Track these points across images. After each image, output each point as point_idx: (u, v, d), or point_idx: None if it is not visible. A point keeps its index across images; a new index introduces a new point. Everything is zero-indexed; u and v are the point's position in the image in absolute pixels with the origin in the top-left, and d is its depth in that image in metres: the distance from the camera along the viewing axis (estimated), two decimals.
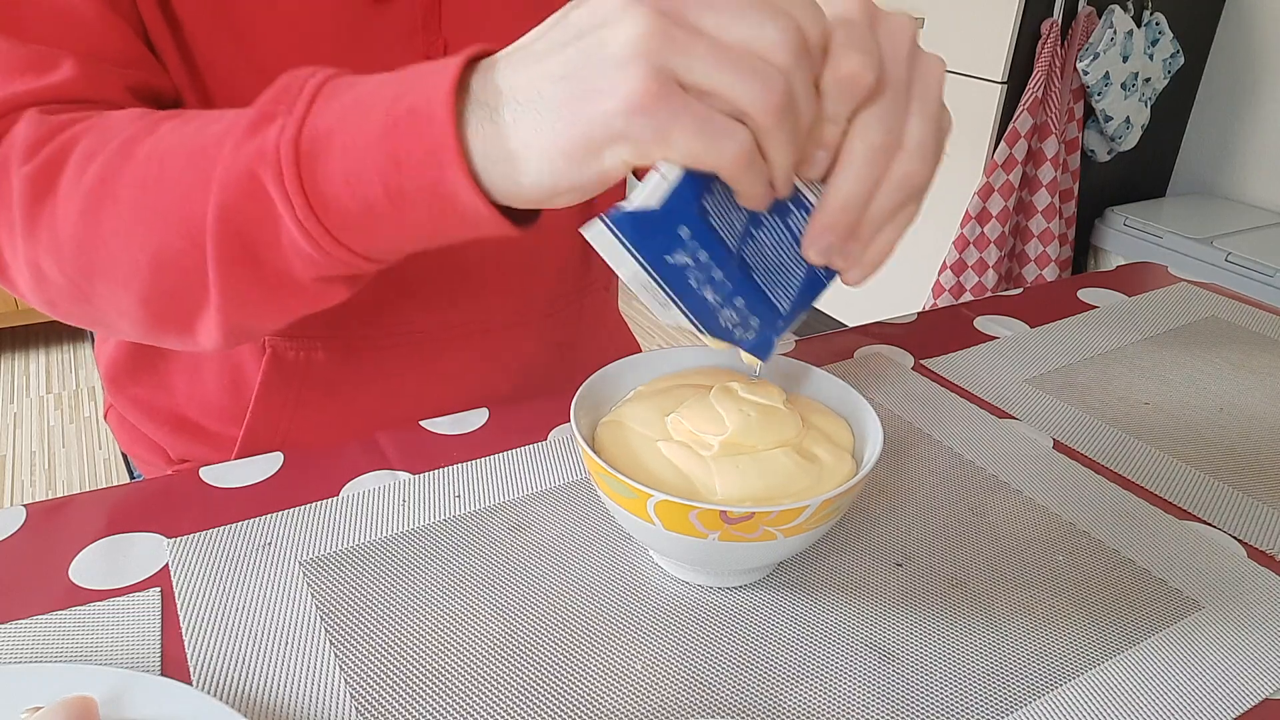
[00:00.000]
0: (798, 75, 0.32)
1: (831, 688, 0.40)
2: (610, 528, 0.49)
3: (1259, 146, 1.98)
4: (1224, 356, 0.71)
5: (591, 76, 0.32)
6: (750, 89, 0.32)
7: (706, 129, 0.32)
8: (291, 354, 0.60)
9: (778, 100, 0.32)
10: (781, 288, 0.41)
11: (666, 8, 0.31)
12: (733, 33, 0.32)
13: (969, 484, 0.54)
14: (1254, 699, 0.40)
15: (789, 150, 0.34)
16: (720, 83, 0.32)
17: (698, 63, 0.31)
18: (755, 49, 0.32)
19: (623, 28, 0.31)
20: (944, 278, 1.88)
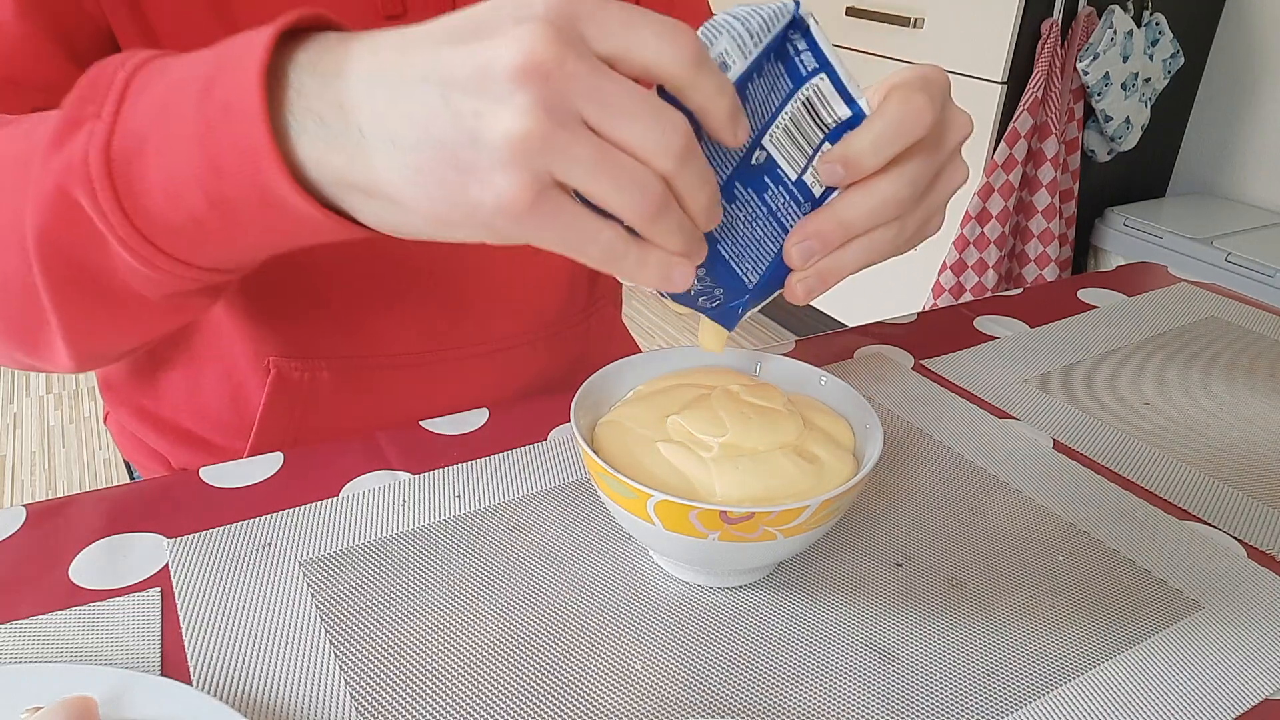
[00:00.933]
0: (682, 176, 0.31)
1: (831, 688, 0.40)
2: (610, 528, 0.49)
3: (1259, 146, 1.98)
4: (1224, 356, 0.71)
5: (463, 155, 0.29)
6: (625, 198, 0.30)
7: (572, 236, 0.31)
8: (296, 374, 0.59)
9: (651, 208, 0.31)
10: (750, 261, 0.40)
11: (554, 95, 0.29)
12: (619, 133, 0.30)
13: (969, 484, 0.54)
14: (1254, 699, 0.40)
15: (675, 239, 0.32)
16: (596, 190, 0.30)
17: (576, 168, 0.30)
18: (638, 152, 0.30)
19: (505, 113, 0.28)
20: (944, 278, 1.88)
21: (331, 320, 0.59)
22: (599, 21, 0.30)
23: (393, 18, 0.53)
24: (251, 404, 0.60)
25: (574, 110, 0.29)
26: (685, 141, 0.31)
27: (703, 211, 0.33)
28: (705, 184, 0.32)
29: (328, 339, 0.59)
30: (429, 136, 0.30)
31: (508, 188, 0.29)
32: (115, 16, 0.47)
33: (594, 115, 0.30)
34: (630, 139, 0.30)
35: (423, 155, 0.30)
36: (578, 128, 0.29)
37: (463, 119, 0.29)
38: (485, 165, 0.29)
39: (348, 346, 0.60)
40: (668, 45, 0.30)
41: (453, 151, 0.30)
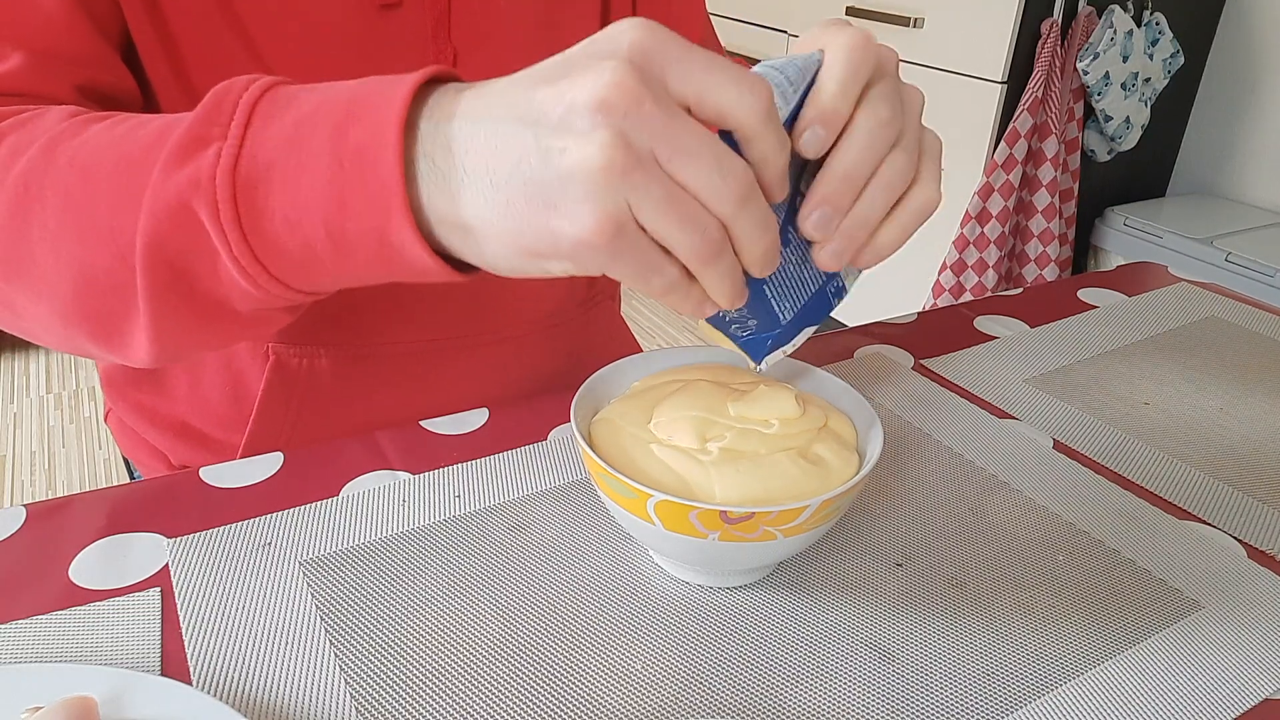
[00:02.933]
0: (739, 222, 0.33)
1: (831, 688, 0.40)
2: (610, 528, 0.49)
3: (1259, 146, 1.98)
4: (1224, 356, 0.71)
5: (548, 190, 0.31)
6: (684, 238, 0.32)
7: (642, 269, 0.33)
8: (295, 362, 0.59)
9: (709, 250, 0.33)
10: (788, 299, 0.41)
11: (632, 130, 0.30)
12: (684, 173, 0.32)
13: (969, 484, 0.54)
14: (1254, 699, 0.40)
15: (723, 285, 0.34)
16: (660, 228, 0.32)
17: (646, 205, 0.31)
18: (700, 195, 0.32)
19: (587, 149, 0.30)
20: (944, 278, 1.88)
21: (331, 308, 0.59)
22: (680, 64, 0.32)
23: (388, 7, 0.53)
24: (251, 394, 0.61)
25: (646, 146, 0.31)
26: (746, 189, 0.32)
27: (759, 259, 0.34)
28: (764, 232, 0.34)
29: (327, 327, 0.59)
30: (519, 172, 0.32)
31: (592, 219, 0.31)
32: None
33: (663, 155, 0.31)
34: (694, 181, 0.32)
35: (514, 190, 0.32)
36: (651, 165, 0.31)
37: (550, 155, 0.31)
38: (570, 198, 0.31)
39: (347, 335, 0.60)
40: (746, 95, 0.32)
41: (540, 186, 0.31)
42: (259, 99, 0.36)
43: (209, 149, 0.36)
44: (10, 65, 0.45)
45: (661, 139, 0.31)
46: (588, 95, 0.30)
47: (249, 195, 0.35)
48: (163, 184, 0.37)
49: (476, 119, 0.33)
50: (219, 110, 0.37)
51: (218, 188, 0.35)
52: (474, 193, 0.33)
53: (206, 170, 0.36)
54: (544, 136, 0.31)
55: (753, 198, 0.33)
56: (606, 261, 0.32)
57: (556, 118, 0.31)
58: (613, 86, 0.30)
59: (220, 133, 0.36)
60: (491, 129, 0.33)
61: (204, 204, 0.36)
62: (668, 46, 0.32)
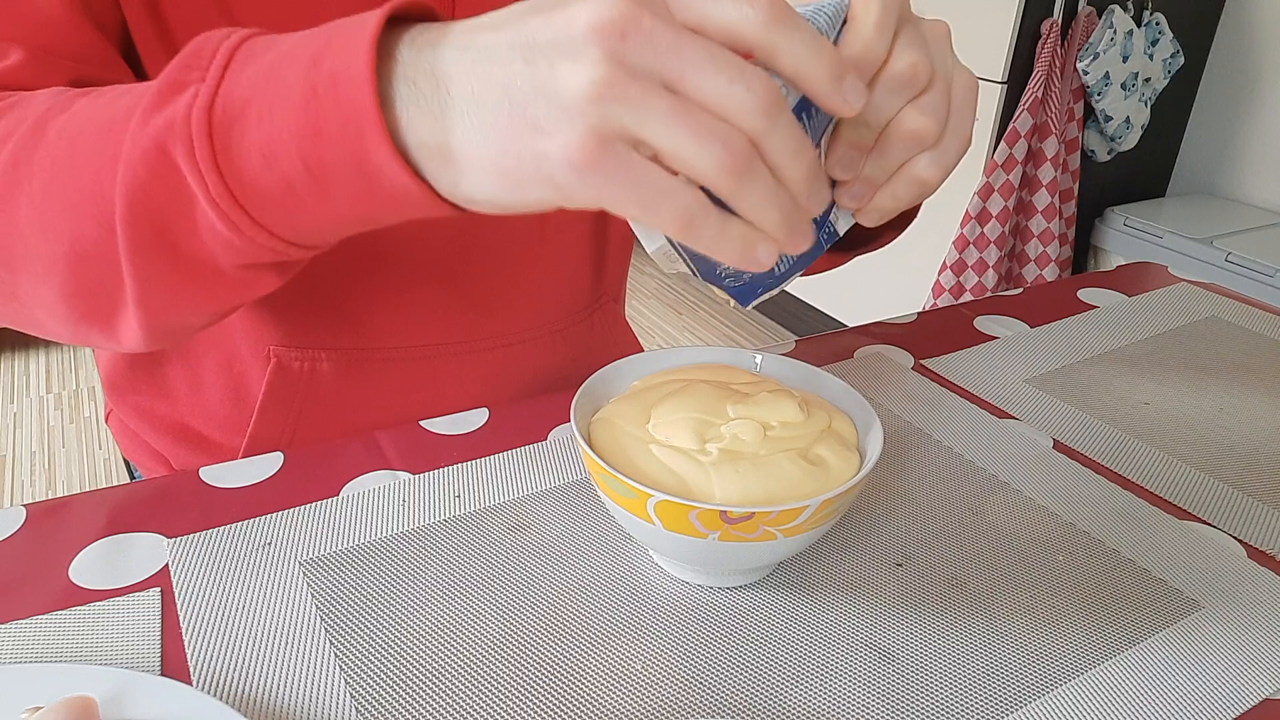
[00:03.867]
0: (771, 138, 0.30)
1: (831, 688, 0.40)
2: (610, 528, 0.49)
3: (1259, 146, 1.98)
4: (1224, 356, 0.71)
5: (535, 109, 0.30)
6: (705, 154, 0.29)
7: (643, 193, 0.30)
8: (296, 364, 0.59)
9: (736, 164, 0.30)
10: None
11: (629, 50, 0.29)
12: (698, 88, 0.29)
13: (969, 484, 0.54)
14: (1254, 699, 0.40)
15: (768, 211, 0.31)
16: (670, 144, 0.29)
17: (650, 121, 0.29)
18: (721, 109, 0.29)
19: (578, 66, 0.29)
20: (944, 278, 1.88)
21: (333, 311, 0.59)
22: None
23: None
24: (252, 397, 0.60)
25: (650, 67, 0.29)
26: (772, 98, 0.30)
27: (800, 181, 0.31)
28: (801, 151, 0.31)
29: (328, 329, 0.59)
30: (506, 94, 0.30)
31: (572, 137, 0.29)
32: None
33: (673, 73, 0.29)
34: (711, 95, 0.29)
35: (499, 111, 0.30)
36: (652, 83, 0.29)
37: (538, 75, 0.30)
38: (554, 117, 0.29)
39: (348, 338, 0.60)
40: (746, 5, 0.30)
41: (524, 106, 0.30)
42: (240, 44, 0.35)
43: (185, 91, 0.35)
44: (10, 62, 0.45)
45: (667, 57, 0.29)
46: (584, 17, 0.29)
47: (225, 133, 0.34)
48: (139, 131, 0.36)
49: (464, 46, 0.32)
50: (198, 57, 0.36)
51: (193, 127, 0.34)
52: (457, 115, 0.31)
53: (182, 112, 0.34)
54: (534, 59, 0.30)
55: (782, 110, 0.30)
56: (598, 187, 0.30)
57: (547, 40, 0.30)
58: (611, 9, 0.29)
59: (198, 76, 0.35)
60: (478, 54, 0.31)
61: (179, 145, 0.35)
62: None
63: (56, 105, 0.41)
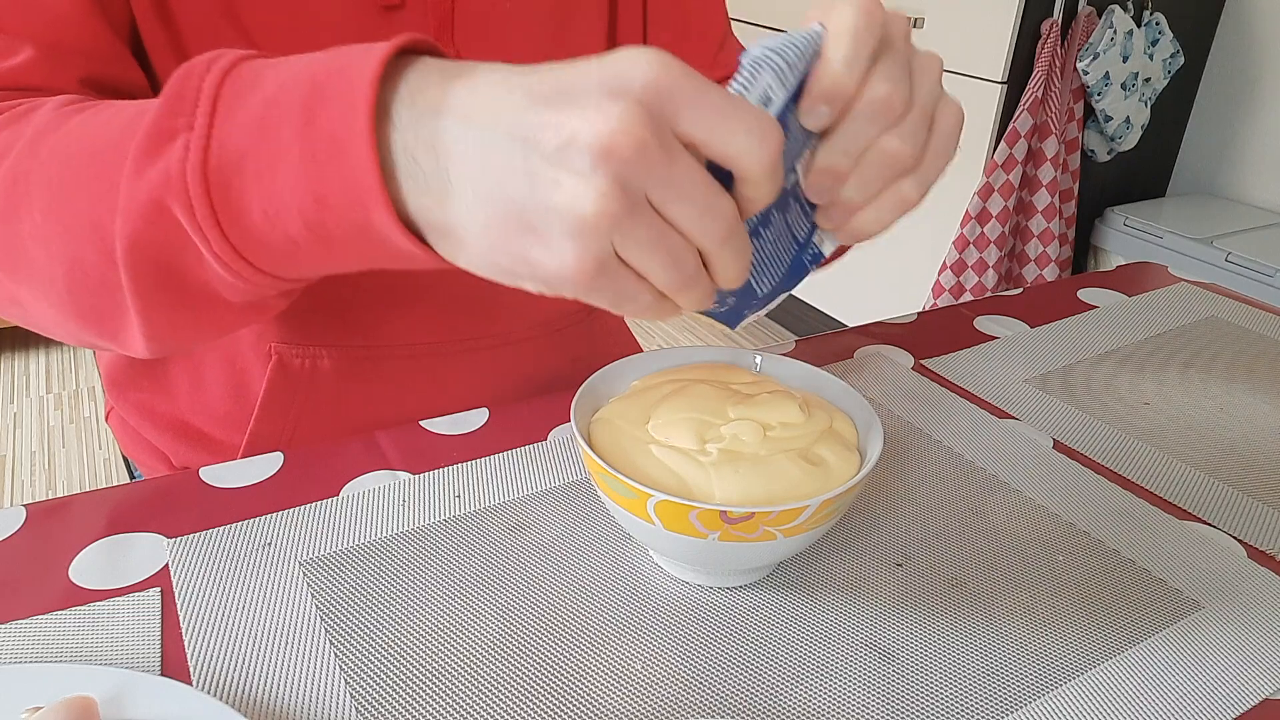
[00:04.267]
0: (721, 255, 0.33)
1: (831, 688, 0.40)
2: (610, 528, 0.49)
3: (1259, 146, 1.98)
4: (1224, 356, 0.71)
5: (535, 218, 0.30)
6: (664, 274, 0.32)
7: (618, 299, 0.33)
8: (297, 362, 0.59)
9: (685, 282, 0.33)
10: (766, 275, 0.40)
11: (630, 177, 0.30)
12: (675, 214, 0.31)
13: (969, 484, 0.54)
14: (1254, 699, 0.40)
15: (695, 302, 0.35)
16: (643, 265, 0.32)
17: (631, 245, 0.31)
18: (689, 234, 0.32)
19: (583, 192, 0.29)
20: (944, 278, 1.88)
21: (334, 309, 0.59)
22: (693, 108, 0.31)
23: (390, 8, 0.53)
24: (253, 394, 0.61)
25: (643, 190, 0.30)
26: (731, 227, 0.33)
27: (730, 281, 0.34)
28: (740, 260, 0.34)
29: (329, 327, 0.59)
30: (506, 194, 0.31)
31: (574, 259, 0.31)
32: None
33: (657, 197, 0.31)
34: (684, 221, 0.32)
35: (497, 210, 0.31)
36: (644, 209, 0.31)
37: (540, 184, 0.30)
38: (555, 233, 0.30)
39: (349, 336, 0.60)
40: (755, 145, 0.31)
41: (526, 213, 0.31)
42: (222, 81, 0.35)
43: (176, 141, 0.35)
44: (21, 59, 0.45)
45: (658, 182, 0.30)
46: (591, 136, 0.29)
47: (223, 191, 0.34)
48: (134, 183, 0.36)
49: (465, 122, 0.31)
50: (181, 100, 0.35)
51: (190, 184, 0.34)
52: (457, 201, 0.32)
53: (175, 166, 0.34)
54: (536, 163, 0.30)
55: (735, 234, 0.33)
56: (583, 294, 0.32)
57: (553, 147, 0.30)
58: (619, 134, 0.29)
59: (186, 123, 0.34)
60: (480, 138, 0.31)
61: (178, 202, 0.35)
62: (682, 87, 0.30)
63: (54, 120, 0.41)
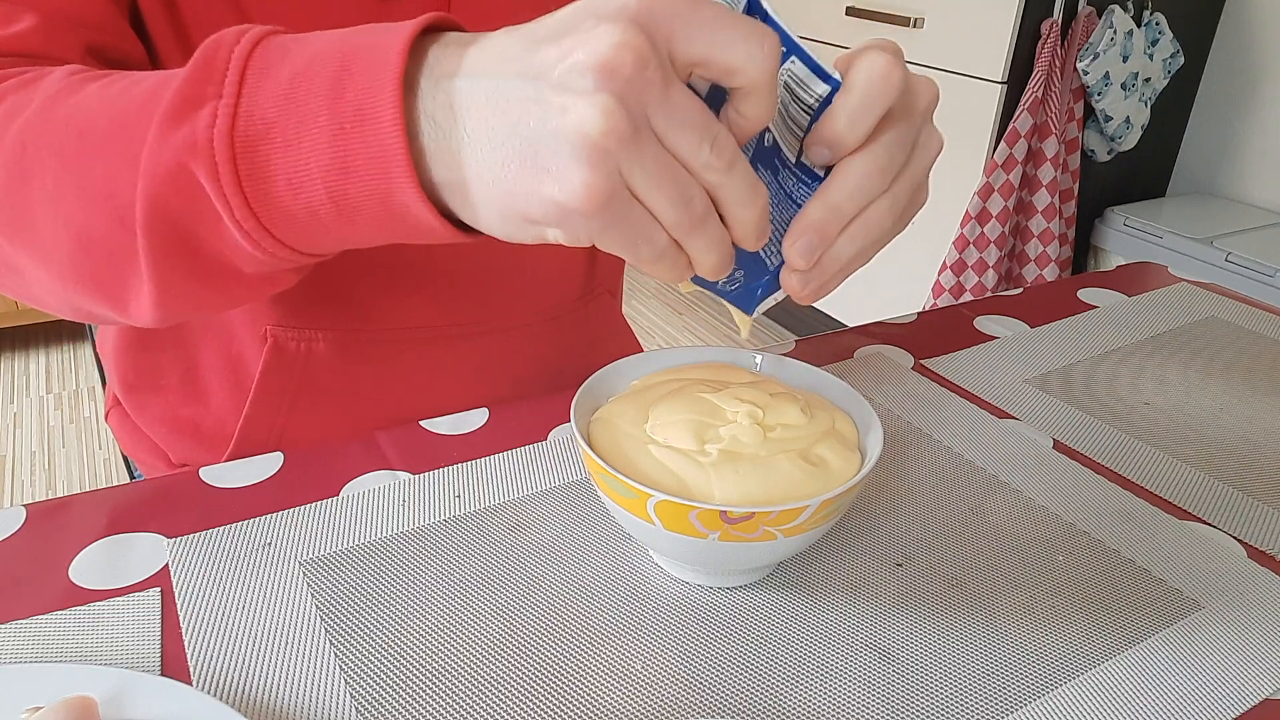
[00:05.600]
0: (727, 187, 0.33)
1: (831, 688, 0.40)
2: (610, 528, 0.49)
3: (1259, 146, 1.98)
4: (1224, 356, 0.71)
5: (544, 149, 0.31)
6: (671, 209, 0.32)
7: (634, 235, 0.33)
8: (292, 345, 0.60)
9: (694, 221, 0.33)
10: (773, 243, 0.40)
11: (632, 96, 0.30)
12: (676, 143, 0.32)
13: (969, 484, 0.54)
14: (1254, 699, 0.40)
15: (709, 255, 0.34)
16: (650, 198, 0.32)
17: (639, 174, 0.31)
18: (689, 164, 0.32)
19: (587, 110, 0.30)
20: (944, 278, 1.88)
21: (330, 292, 0.59)
22: (688, 24, 0.31)
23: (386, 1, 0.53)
24: (249, 378, 0.61)
25: (645, 115, 0.30)
26: (732, 157, 0.32)
27: (750, 228, 0.34)
28: (753, 198, 0.33)
29: (325, 310, 0.60)
30: (518, 130, 0.31)
31: (583, 184, 0.30)
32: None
33: (659, 124, 0.31)
34: (685, 150, 0.31)
35: (511, 149, 0.31)
36: (647, 134, 0.31)
37: (548, 112, 0.30)
38: (564, 159, 0.30)
39: (345, 319, 0.60)
40: (755, 52, 0.31)
41: (536, 146, 0.31)
42: (251, 52, 0.35)
43: (204, 108, 0.35)
44: (23, 26, 0.45)
45: (659, 107, 0.30)
46: (592, 55, 0.30)
47: (249, 157, 0.35)
48: (159, 146, 0.36)
49: (478, 75, 0.32)
50: (211, 67, 0.35)
51: (216, 150, 0.34)
52: (473, 152, 0.32)
53: (203, 131, 0.35)
54: (545, 92, 0.30)
55: (739, 164, 0.33)
56: (597, 229, 0.32)
57: (558, 75, 0.30)
58: (618, 48, 0.29)
59: (215, 90, 0.35)
60: (493, 85, 0.32)
61: (203, 167, 0.35)
62: (675, 4, 0.31)
63: (67, 87, 0.41)
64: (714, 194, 0.33)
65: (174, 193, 0.36)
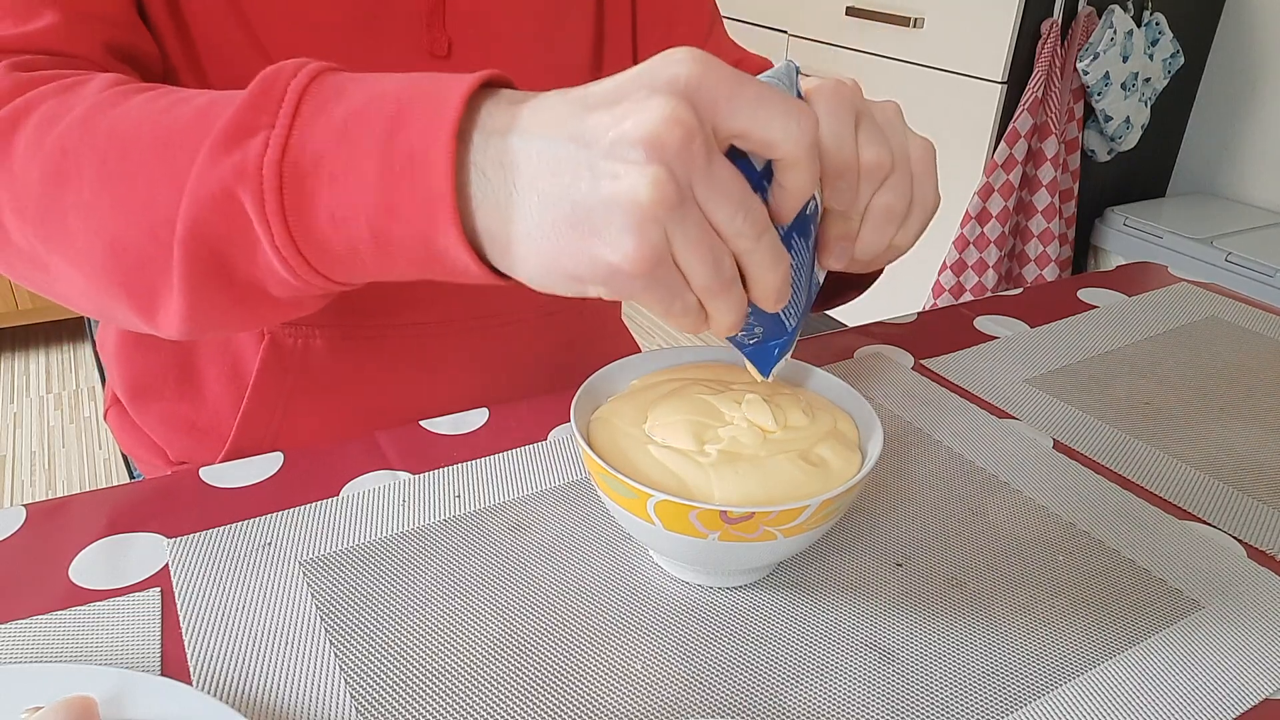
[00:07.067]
0: (755, 255, 0.34)
1: (831, 688, 0.40)
2: (610, 528, 0.49)
3: (1259, 146, 1.98)
4: (1224, 356, 0.71)
5: (594, 215, 0.32)
6: (704, 272, 0.34)
7: (667, 295, 0.34)
8: (290, 341, 0.60)
9: (721, 285, 0.34)
10: (792, 307, 0.41)
11: (679, 167, 0.31)
12: (714, 211, 0.33)
13: (969, 484, 0.54)
14: (1254, 699, 0.40)
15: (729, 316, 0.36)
16: (686, 262, 0.33)
17: (680, 240, 0.32)
18: (723, 231, 0.33)
19: (639, 180, 0.31)
20: (944, 278, 1.88)
21: None
22: (732, 100, 0.33)
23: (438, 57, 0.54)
24: (247, 374, 0.61)
25: (690, 184, 0.32)
26: (763, 226, 0.34)
27: (771, 292, 0.36)
28: (777, 265, 0.35)
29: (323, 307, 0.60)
30: (567, 194, 0.32)
31: (634, 248, 0.32)
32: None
33: (701, 193, 0.32)
34: (721, 218, 0.33)
35: (561, 211, 0.33)
36: (692, 202, 0.32)
37: (600, 179, 0.32)
38: (615, 226, 0.32)
39: (342, 315, 0.60)
40: (793, 128, 0.33)
41: (586, 210, 0.32)
42: (307, 87, 0.36)
43: (256, 137, 0.36)
44: (44, 23, 0.46)
45: (702, 179, 0.32)
46: (644, 127, 0.31)
47: (296, 188, 0.35)
48: (208, 170, 0.37)
49: (530, 135, 0.33)
50: (268, 97, 0.36)
51: (264, 178, 0.35)
52: (522, 210, 0.33)
53: (254, 159, 0.36)
54: (596, 160, 0.32)
55: (768, 234, 0.34)
56: (641, 289, 0.33)
57: (609, 143, 0.32)
58: (668, 123, 0.31)
59: (269, 120, 0.36)
60: (544, 147, 0.33)
61: (250, 193, 0.36)
62: (720, 80, 0.32)
63: (110, 98, 0.41)
64: (741, 260, 0.35)
65: (218, 216, 0.37)
